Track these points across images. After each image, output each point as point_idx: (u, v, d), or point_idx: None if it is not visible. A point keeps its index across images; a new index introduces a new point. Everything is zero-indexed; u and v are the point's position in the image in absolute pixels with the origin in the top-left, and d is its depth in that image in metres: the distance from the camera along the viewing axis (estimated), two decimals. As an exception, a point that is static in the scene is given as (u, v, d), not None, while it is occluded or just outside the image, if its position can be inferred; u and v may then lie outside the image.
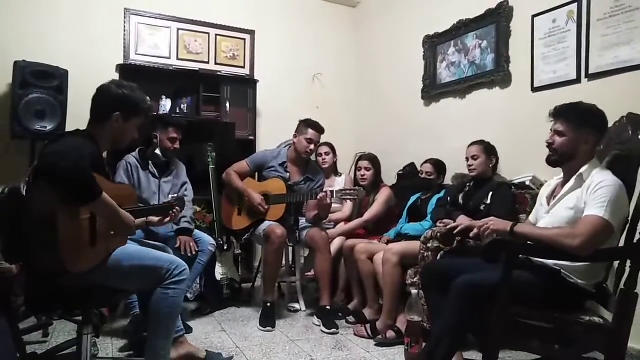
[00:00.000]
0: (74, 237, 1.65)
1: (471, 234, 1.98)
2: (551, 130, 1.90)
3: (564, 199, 1.85)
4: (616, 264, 1.81)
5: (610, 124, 1.96)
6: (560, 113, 1.87)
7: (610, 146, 1.93)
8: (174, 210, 2.19)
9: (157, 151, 2.98)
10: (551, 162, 1.91)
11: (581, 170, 1.80)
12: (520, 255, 1.83)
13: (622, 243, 1.77)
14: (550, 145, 1.88)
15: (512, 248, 1.71)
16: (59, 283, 1.71)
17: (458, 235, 2.18)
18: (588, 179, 1.76)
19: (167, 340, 1.93)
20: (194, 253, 2.88)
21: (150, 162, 2.98)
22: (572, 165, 1.85)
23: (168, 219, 2.18)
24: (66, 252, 1.62)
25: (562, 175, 1.95)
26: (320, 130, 3.24)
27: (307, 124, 3.24)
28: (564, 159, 1.86)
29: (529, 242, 1.82)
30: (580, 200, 1.76)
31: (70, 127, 2.89)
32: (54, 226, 1.59)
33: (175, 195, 2.33)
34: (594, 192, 1.70)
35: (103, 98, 1.91)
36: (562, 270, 1.78)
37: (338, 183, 3.75)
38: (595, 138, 1.84)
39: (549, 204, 1.95)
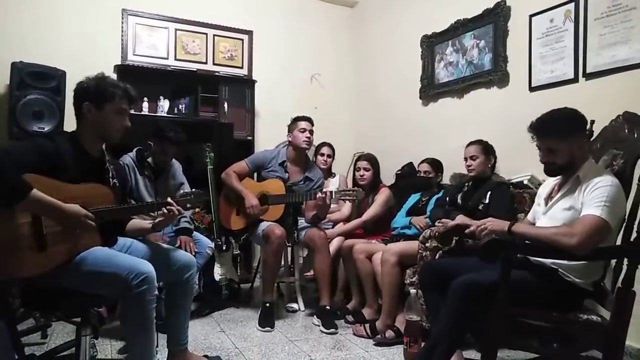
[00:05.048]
0: (13, 241, 1.58)
1: (466, 231, 1.98)
2: (538, 148, 1.88)
3: (560, 200, 1.86)
4: (613, 262, 1.82)
5: (606, 123, 1.97)
6: (541, 131, 1.84)
7: (606, 145, 1.94)
8: (171, 208, 1.96)
9: (150, 160, 2.96)
10: (551, 172, 1.89)
11: (578, 173, 1.80)
12: (518, 255, 1.83)
13: (619, 241, 1.78)
14: (547, 163, 1.86)
15: (509, 247, 1.71)
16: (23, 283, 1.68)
17: (454, 233, 2.18)
18: (584, 180, 1.76)
19: (143, 350, 1.80)
20: (193, 253, 2.86)
21: (147, 164, 2.96)
22: (570, 168, 1.85)
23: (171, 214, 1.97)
24: (6, 258, 1.56)
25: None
26: (309, 119, 3.27)
27: (295, 119, 3.29)
28: (565, 167, 1.84)
29: (526, 242, 1.82)
30: (577, 201, 1.76)
31: (67, 128, 2.88)
32: None
33: (182, 192, 2.16)
34: (591, 192, 1.71)
35: (73, 94, 1.89)
36: (559, 269, 1.79)
37: (332, 183, 3.74)
38: (583, 139, 1.85)
39: (546, 205, 1.95)
